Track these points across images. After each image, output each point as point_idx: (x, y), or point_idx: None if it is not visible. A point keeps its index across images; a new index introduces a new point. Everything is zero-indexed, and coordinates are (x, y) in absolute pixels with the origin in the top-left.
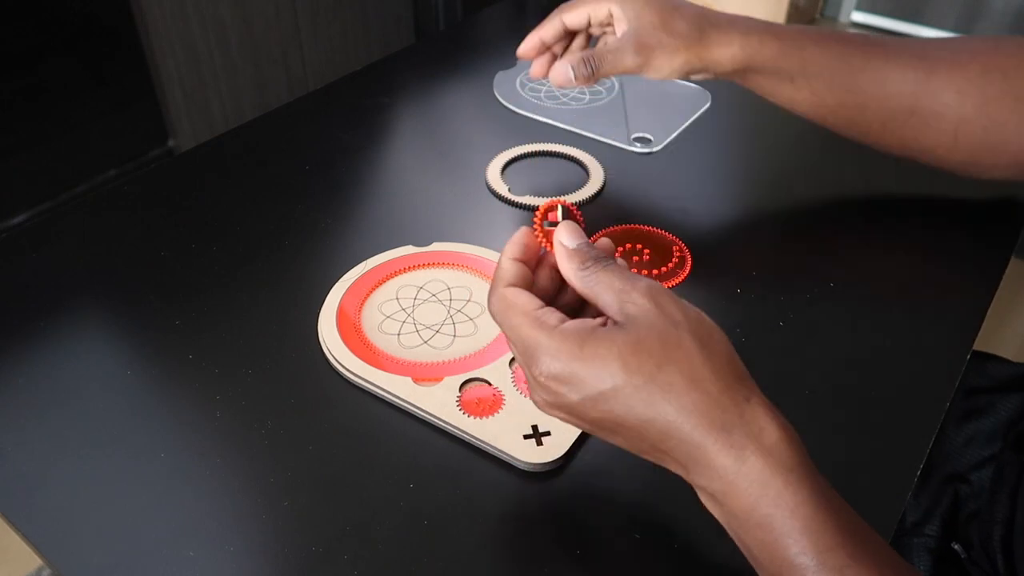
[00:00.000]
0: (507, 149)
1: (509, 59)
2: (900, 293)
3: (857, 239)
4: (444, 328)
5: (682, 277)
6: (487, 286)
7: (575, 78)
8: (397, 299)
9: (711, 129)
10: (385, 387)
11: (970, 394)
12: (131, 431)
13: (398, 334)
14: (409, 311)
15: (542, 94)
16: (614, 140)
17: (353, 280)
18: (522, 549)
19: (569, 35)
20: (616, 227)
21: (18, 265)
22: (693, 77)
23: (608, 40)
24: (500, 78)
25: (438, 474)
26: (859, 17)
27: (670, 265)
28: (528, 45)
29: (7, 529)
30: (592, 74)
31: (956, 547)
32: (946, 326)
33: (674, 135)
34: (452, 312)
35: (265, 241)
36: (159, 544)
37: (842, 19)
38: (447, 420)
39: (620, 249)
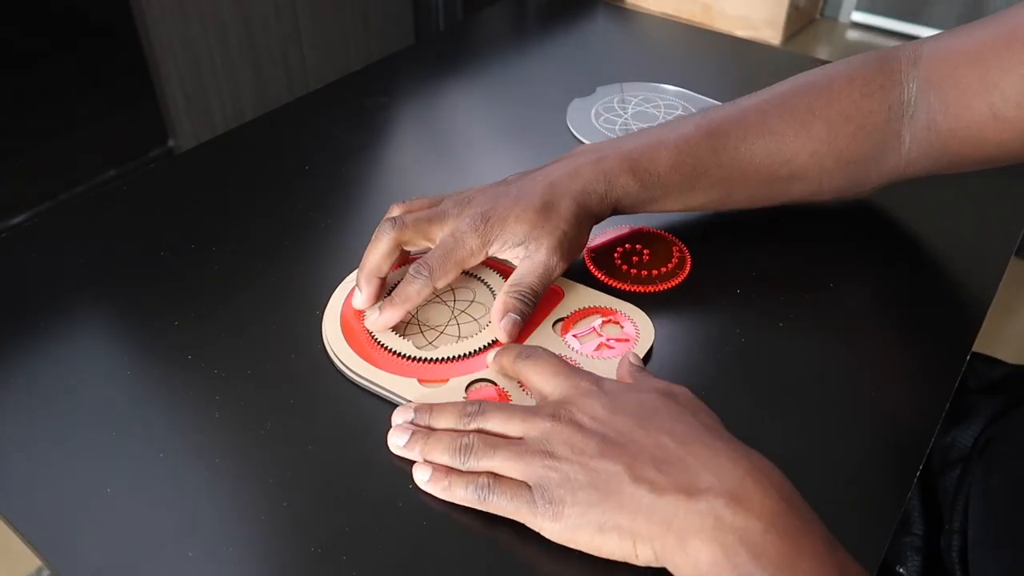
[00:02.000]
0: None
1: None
2: (900, 293)
3: (857, 239)
4: (449, 328)
5: (681, 278)
6: (493, 285)
7: (519, 312)
8: None
9: None
10: (391, 388)
11: (958, 394)
12: (130, 431)
13: (403, 335)
14: (413, 312)
15: (616, 126)
16: None
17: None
18: (523, 550)
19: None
20: (615, 228)
21: (18, 265)
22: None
23: (521, 263)
24: (576, 106)
25: None
26: (859, 17)
27: (669, 266)
28: (371, 294)
29: (7, 529)
30: (534, 304)
31: (901, 571)
32: (946, 326)
33: None
34: (456, 313)
35: (265, 241)
36: (159, 544)
37: (842, 19)
38: None
39: (619, 249)
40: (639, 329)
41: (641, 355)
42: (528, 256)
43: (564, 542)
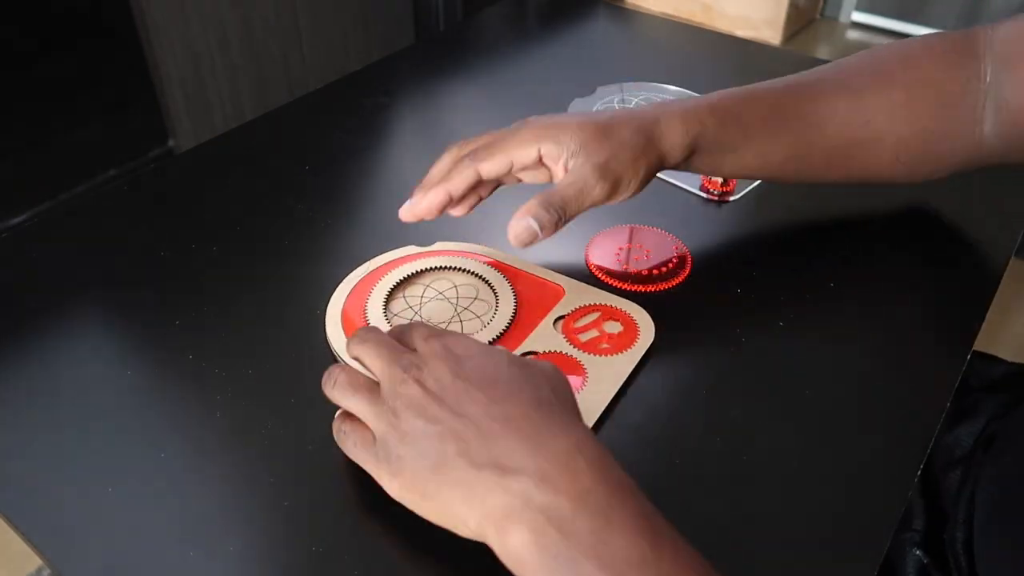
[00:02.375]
0: None
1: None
2: (900, 293)
3: (857, 239)
4: (452, 326)
5: (682, 277)
6: (494, 284)
7: (541, 230)
8: (404, 297)
9: None
10: None
11: (960, 393)
12: (131, 431)
13: None
14: (416, 309)
15: None
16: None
17: (358, 279)
18: None
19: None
20: (616, 228)
21: (18, 265)
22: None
23: (565, 176)
24: (576, 107)
25: None
26: (859, 17)
27: (670, 265)
28: (434, 201)
29: (7, 529)
30: (559, 220)
31: (918, 553)
32: (946, 326)
33: None
34: (459, 310)
35: (265, 241)
36: (159, 544)
37: (842, 19)
38: None
39: (619, 248)
40: (639, 328)
41: (641, 354)
42: (573, 169)
43: (400, 500)
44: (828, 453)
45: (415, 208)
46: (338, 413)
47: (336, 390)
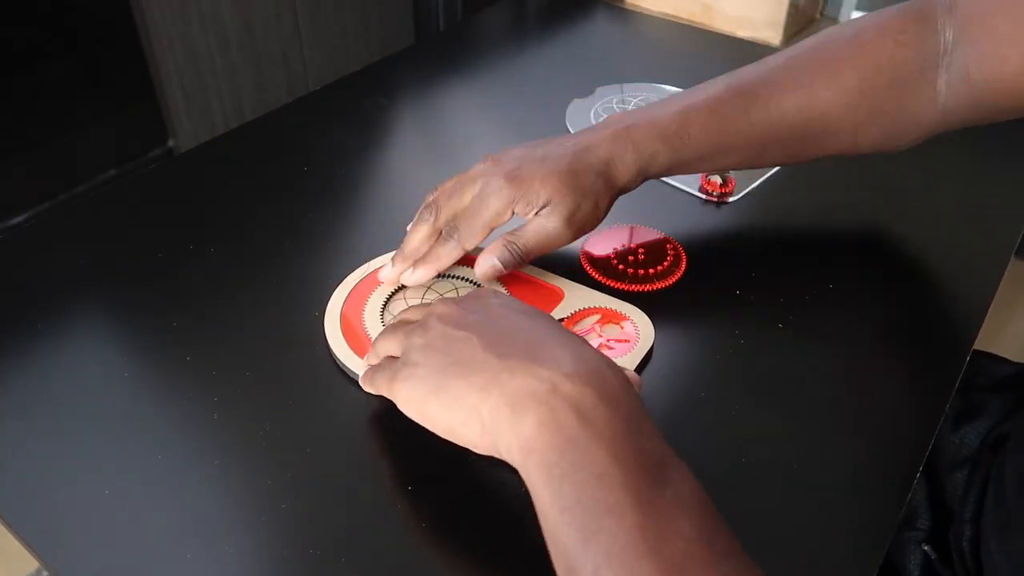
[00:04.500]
0: None
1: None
2: (900, 293)
3: (856, 239)
4: None
5: (678, 275)
6: (494, 285)
7: (504, 267)
8: (404, 299)
9: None
10: None
11: (967, 392)
12: (129, 432)
13: None
14: (439, 278)
15: None
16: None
17: (358, 280)
18: (523, 551)
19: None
20: (610, 229)
21: (18, 265)
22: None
23: (529, 218)
24: (576, 107)
25: (437, 477)
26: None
27: (665, 264)
28: (424, 278)
29: (4, 531)
30: (521, 261)
31: (926, 548)
32: (946, 326)
33: None
34: None
35: (265, 241)
36: (157, 546)
37: (842, 19)
38: None
39: (615, 249)
40: (639, 329)
41: (641, 356)
42: (541, 217)
43: (408, 411)
44: (828, 453)
45: (404, 278)
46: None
47: (381, 336)
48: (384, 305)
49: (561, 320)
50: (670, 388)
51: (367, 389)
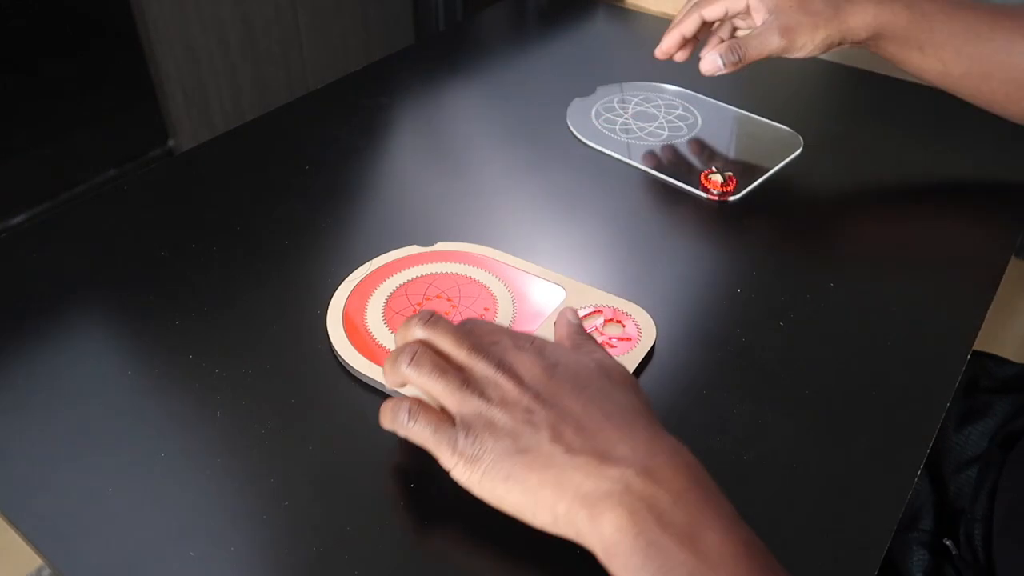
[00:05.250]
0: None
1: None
2: (900, 292)
3: (856, 239)
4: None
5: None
6: (495, 284)
7: (724, 65)
8: (407, 297)
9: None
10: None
11: (971, 393)
12: (131, 431)
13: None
14: (417, 307)
15: (617, 126)
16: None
17: (359, 279)
18: (524, 550)
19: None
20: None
21: (18, 265)
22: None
23: (751, 28)
24: (576, 106)
25: (439, 475)
26: None
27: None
28: (670, 42)
29: (7, 528)
30: (739, 60)
31: (948, 543)
32: (946, 326)
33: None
34: (461, 310)
35: (265, 241)
36: (160, 544)
37: None
38: None
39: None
40: (641, 328)
41: (642, 355)
42: (763, 23)
43: (471, 487)
44: (828, 453)
45: (661, 48)
46: (395, 400)
47: (415, 369)
48: (386, 303)
49: None
50: (670, 387)
51: (389, 427)
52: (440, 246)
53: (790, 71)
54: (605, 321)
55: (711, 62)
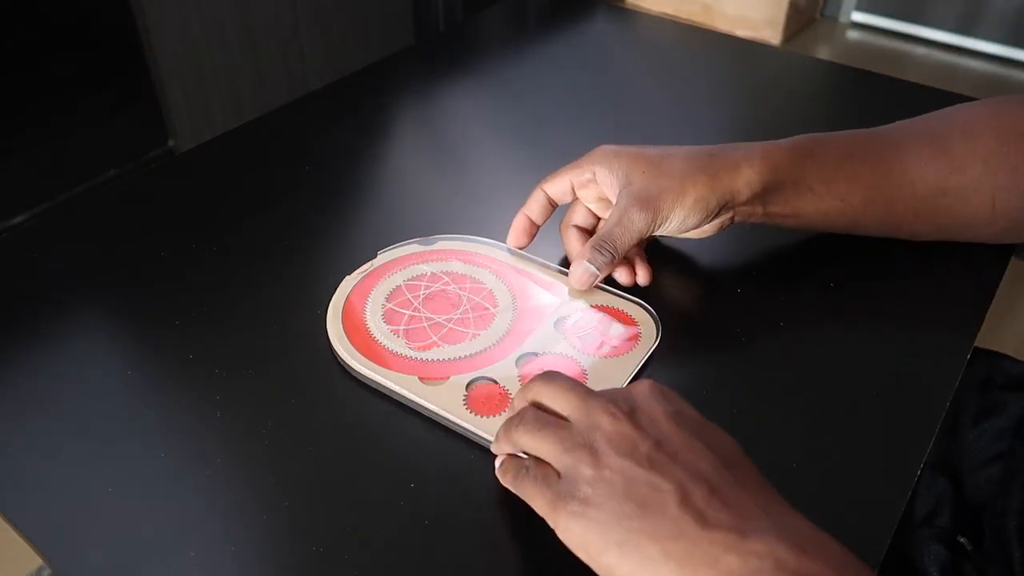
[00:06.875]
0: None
1: (510, 62)
2: (900, 293)
3: (857, 239)
4: (453, 324)
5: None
6: (495, 282)
7: (598, 270)
8: (407, 296)
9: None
10: (391, 386)
11: (986, 390)
12: (131, 431)
13: (408, 329)
14: (418, 303)
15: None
16: None
17: (360, 279)
18: (525, 550)
19: (554, 206)
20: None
21: (18, 265)
22: (710, 227)
23: (609, 215)
24: None
25: (440, 474)
26: (859, 17)
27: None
28: (518, 229)
29: (7, 528)
30: (613, 256)
31: (962, 540)
32: (946, 326)
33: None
34: (462, 309)
35: (265, 241)
36: (160, 544)
37: (842, 19)
38: (454, 418)
39: None
40: (642, 328)
41: (644, 355)
42: (618, 203)
43: (576, 549)
44: (828, 453)
45: (510, 241)
46: (514, 459)
47: (522, 429)
48: (386, 301)
49: (564, 318)
50: (671, 387)
51: (505, 484)
52: (441, 244)
53: (789, 69)
54: (607, 321)
55: (583, 273)
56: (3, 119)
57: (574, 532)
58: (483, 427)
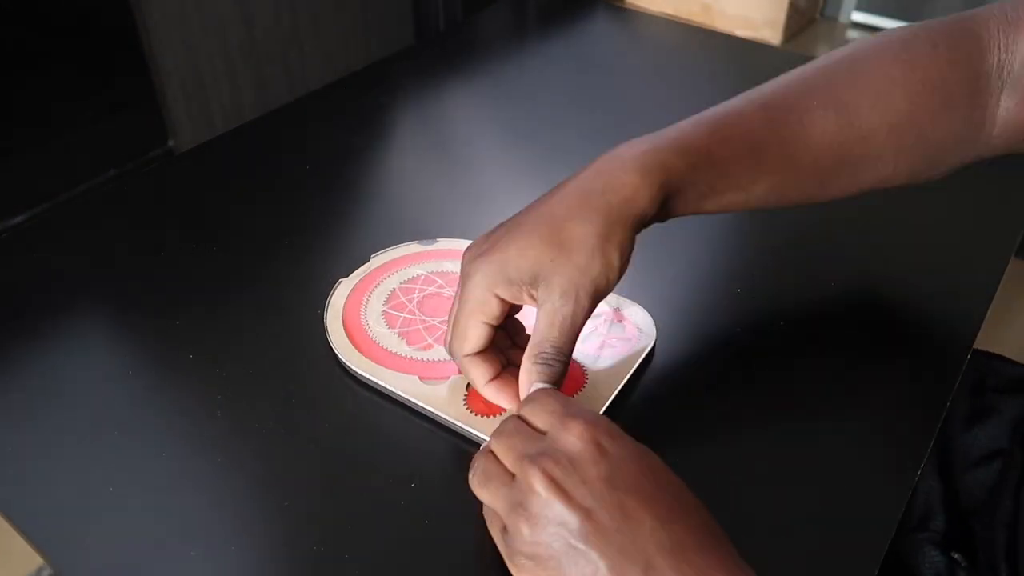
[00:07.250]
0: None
1: (510, 62)
2: (900, 293)
3: (857, 239)
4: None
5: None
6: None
7: (548, 379)
8: (402, 298)
9: None
10: (391, 386)
11: (978, 393)
12: (132, 431)
13: (406, 332)
14: (414, 304)
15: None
16: None
17: (359, 278)
18: None
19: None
20: None
21: (18, 265)
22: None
23: (537, 318)
24: None
25: (440, 474)
26: (859, 17)
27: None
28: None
29: (8, 529)
30: (564, 363)
31: (956, 556)
32: (946, 326)
33: None
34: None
35: (266, 241)
36: (161, 544)
37: (842, 19)
38: (454, 418)
39: None
40: (641, 328)
41: (643, 355)
42: (542, 303)
43: None
44: (828, 453)
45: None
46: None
47: (473, 480)
48: (385, 300)
49: None
50: (671, 387)
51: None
52: (441, 243)
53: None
54: (605, 321)
55: (530, 385)
56: (3, 119)
57: None
58: (483, 427)
